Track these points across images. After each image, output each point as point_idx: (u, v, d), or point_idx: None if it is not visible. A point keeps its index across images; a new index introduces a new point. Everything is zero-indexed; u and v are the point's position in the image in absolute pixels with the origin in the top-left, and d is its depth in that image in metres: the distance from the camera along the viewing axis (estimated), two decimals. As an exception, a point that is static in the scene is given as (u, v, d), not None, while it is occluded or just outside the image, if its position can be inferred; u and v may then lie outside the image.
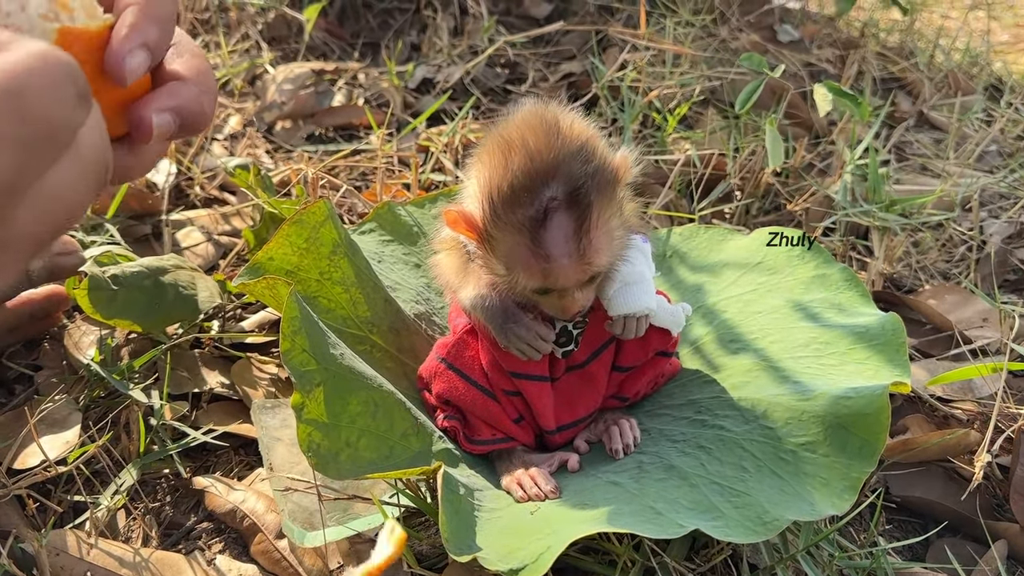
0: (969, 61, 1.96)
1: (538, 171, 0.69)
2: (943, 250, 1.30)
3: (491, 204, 0.71)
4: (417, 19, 2.03)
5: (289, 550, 0.77)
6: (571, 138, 0.71)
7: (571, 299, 0.73)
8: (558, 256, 0.70)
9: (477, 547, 0.65)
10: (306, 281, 0.86)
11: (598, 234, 0.71)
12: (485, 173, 0.72)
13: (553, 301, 0.74)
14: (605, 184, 0.71)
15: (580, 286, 0.73)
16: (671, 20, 1.77)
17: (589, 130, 0.74)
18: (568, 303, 0.74)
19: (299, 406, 0.69)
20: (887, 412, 0.71)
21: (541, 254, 0.70)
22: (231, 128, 1.59)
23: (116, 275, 0.95)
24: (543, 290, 0.73)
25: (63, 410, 0.90)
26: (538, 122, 0.72)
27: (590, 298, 0.76)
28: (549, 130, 0.71)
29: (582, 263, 0.71)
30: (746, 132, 1.49)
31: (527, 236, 0.70)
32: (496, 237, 0.72)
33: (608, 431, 0.82)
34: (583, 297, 0.74)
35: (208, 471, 0.88)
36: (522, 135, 0.71)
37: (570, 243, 0.69)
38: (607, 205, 0.71)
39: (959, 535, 0.86)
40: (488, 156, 0.73)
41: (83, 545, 0.74)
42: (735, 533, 0.65)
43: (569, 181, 0.69)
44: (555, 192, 0.69)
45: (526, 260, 0.71)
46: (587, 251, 0.70)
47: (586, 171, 0.69)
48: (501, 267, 0.73)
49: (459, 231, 0.76)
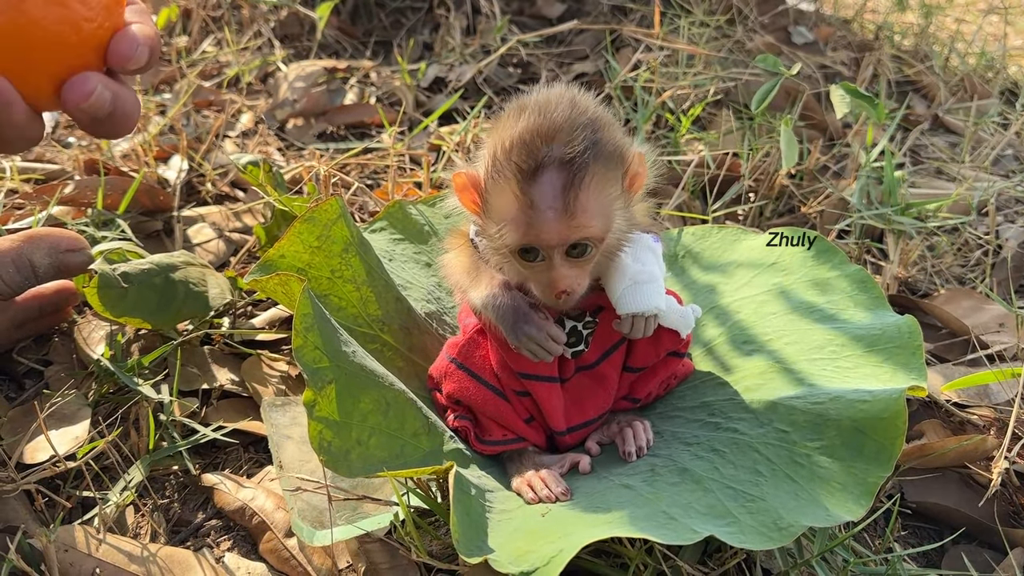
0: (984, 65, 1.94)
1: (543, 129, 0.70)
2: (959, 254, 1.29)
3: (493, 157, 0.72)
4: (430, 18, 2.03)
5: (298, 549, 0.76)
6: (584, 110, 0.72)
7: (557, 272, 0.72)
8: (544, 208, 0.69)
9: (489, 548, 0.64)
10: (317, 279, 0.86)
11: (589, 196, 0.70)
12: (496, 134, 0.74)
13: (540, 274, 0.73)
14: (608, 158, 0.71)
15: (567, 257, 0.72)
16: (685, 20, 1.77)
17: (608, 115, 0.74)
18: (555, 276, 0.72)
19: (311, 403, 0.68)
20: (904, 416, 0.70)
21: (528, 202, 0.70)
22: (243, 125, 1.59)
23: (126, 272, 0.94)
24: (529, 251, 0.72)
25: (72, 405, 0.89)
26: (557, 94, 0.73)
27: (580, 281, 0.74)
28: (565, 100, 0.72)
29: (567, 219, 0.70)
30: (760, 133, 1.48)
31: (518, 185, 0.70)
32: (491, 191, 0.73)
33: (621, 433, 0.81)
34: (572, 275, 0.73)
35: (217, 468, 0.88)
36: (538, 101, 0.72)
37: (558, 197, 0.69)
38: (606, 178, 0.71)
39: (975, 542, 0.85)
40: (503, 119, 0.74)
41: (91, 541, 0.74)
42: (750, 540, 0.64)
43: (570, 143, 0.69)
44: (555, 150, 0.69)
45: (514, 211, 0.71)
46: (574, 209, 0.69)
47: (590, 139, 0.70)
48: (493, 225, 0.73)
49: (464, 199, 0.77)
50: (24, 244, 0.93)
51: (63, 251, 0.95)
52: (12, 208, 1.21)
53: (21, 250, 0.93)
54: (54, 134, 1.54)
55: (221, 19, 1.94)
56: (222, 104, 1.65)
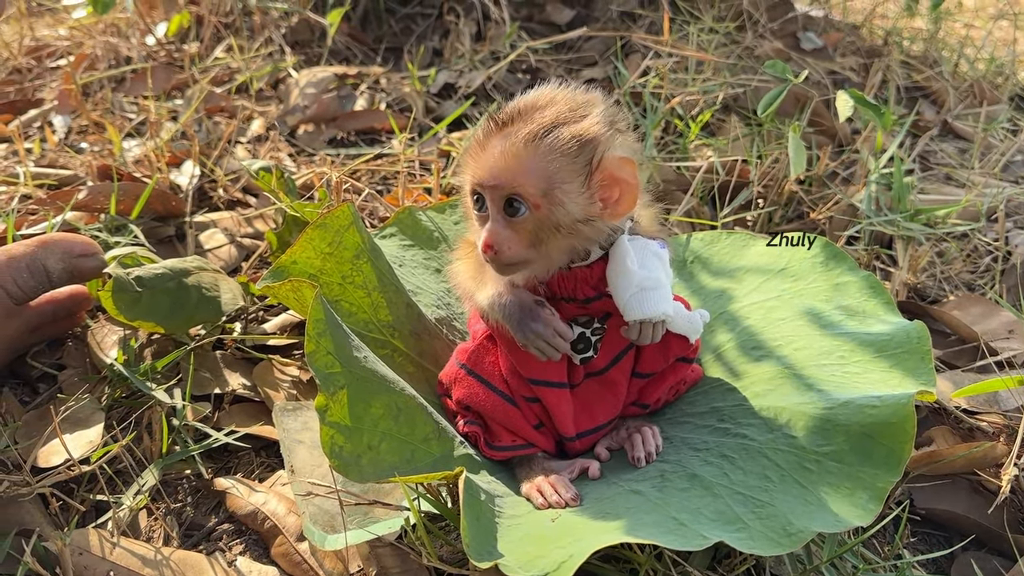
0: (994, 71, 1.94)
1: (530, 101, 0.76)
2: (968, 260, 1.29)
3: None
4: (439, 24, 2.04)
5: (309, 553, 0.77)
6: (578, 99, 0.76)
7: (490, 225, 0.75)
8: (487, 146, 0.75)
9: (498, 553, 0.64)
10: (329, 285, 0.86)
11: (531, 155, 0.73)
12: None
13: (481, 229, 0.76)
14: (575, 144, 0.73)
15: (504, 215, 0.74)
16: (695, 27, 1.77)
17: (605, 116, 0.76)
18: (488, 229, 0.75)
19: (323, 408, 0.69)
20: (912, 421, 0.70)
21: (480, 146, 0.76)
22: (254, 131, 1.60)
23: (140, 276, 0.95)
24: (478, 199, 0.76)
25: (86, 409, 0.90)
26: (565, 88, 0.78)
27: (512, 245, 0.75)
28: (565, 89, 0.77)
29: (501, 162, 0.73)
30: (769, 139, 1.48)
31: (481, 131, 0.76)
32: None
33: (630, 439, 0.82)
34: (505, 235, 0.74)
35: (229, 472, 0.88)
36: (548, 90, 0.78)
37: (503, 142, 0.74)
38: (561, 158, 0.73)
39: (985, 549, 0.85)
40: None
41: (106, 544, 0.75)
42: (759, 545, 0.64)
43: (544, 116, 0.74)
44: (524, 116, 0.75)
45: (470, 152, 0.77)
46: (512, 156, 0.73)
47: (564, 117, 0.74)
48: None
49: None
50: (38, 249, 0.95)
51: (77, 256, 0.96)
52: (26, 213, 1.23)
53: (35, 255, 0.94)
54: (67, 140, 1.56)
55: (233, 25, 1.96)
56: (233, 110, 1.66)
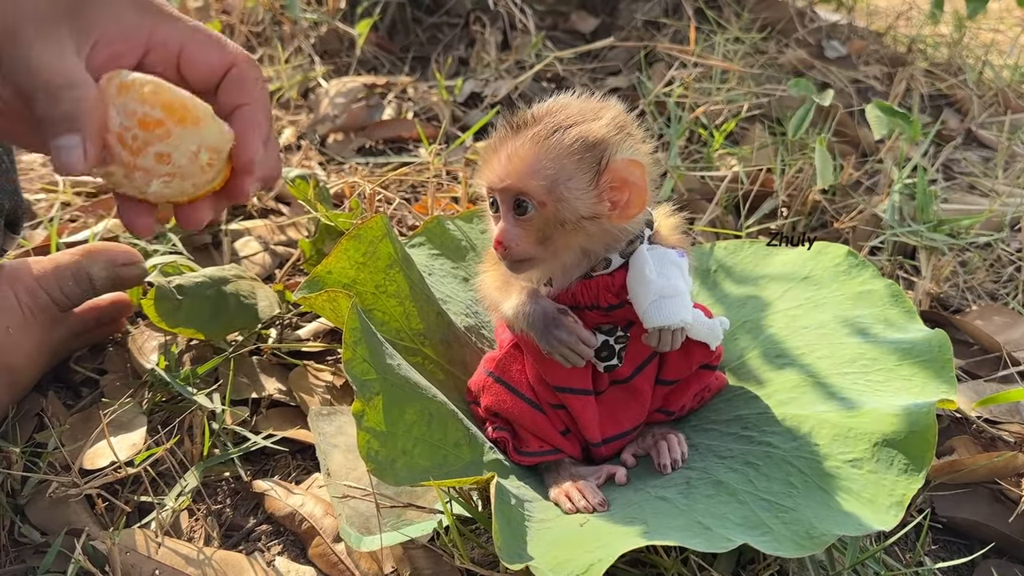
0: (1019, 79, 1.94)
1: (544, 107, 0.80)
2: (991, 270, 1.30)
3: None
4: (465, 34, 2.06)
5: (345, 553, 0.79)
6: (591, 105, 0.80)
7: (501, 224, 0.79)
8: (500, 150, 0.78)
9: (529, 556, 0.66)
10: (362, 294, 0.89)
11: (537, 155, 0.77)
12: None
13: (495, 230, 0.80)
14: (580, 143, 0.77)
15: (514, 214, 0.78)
16: (721, 36, 1.78)
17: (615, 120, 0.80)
18: (499, 227, 0.79)
19: (359, 414, 0.71)
20: (934, 429, 0.72)
21: (493, 147, 0.80)
22: (285, 140, 1.63)
23: (181, 284, 0.99)
24: (493, 203, 0.80)
25: (128, 413, 0.93)
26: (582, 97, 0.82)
27: (521, 243, 0.78)
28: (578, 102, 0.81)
29: (508, 164, 0.77)
30: (793, 149, 1.50)
31: (496, 136, 0.80)
32: None
33: (656, 446, 0.83)
34: (514, 233, 0.78)
35: (267, 475, 0.91)
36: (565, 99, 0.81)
37: (512, 145, 0.78)
38: (568, 158, 0.77)
39: (1005, 557, 0.86)
40: None
41: (151, 544, 0.78)
42: (783, 548, 0.66)
43: (553, 119, 0.78)
44: (535, 121, 0.78)
45: (484, 156, 0.81)
46: (518, 157, 0.77)
47: (573, 120, 0.78)
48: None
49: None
50: (83, 258, 0.98)
51: (119, 265, 1.00)
52: (67, 221, 1.26)
53: (80, 263, 0.98)
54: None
55: (263, 35, 1.99)
56: (265, 119, 1.69)
